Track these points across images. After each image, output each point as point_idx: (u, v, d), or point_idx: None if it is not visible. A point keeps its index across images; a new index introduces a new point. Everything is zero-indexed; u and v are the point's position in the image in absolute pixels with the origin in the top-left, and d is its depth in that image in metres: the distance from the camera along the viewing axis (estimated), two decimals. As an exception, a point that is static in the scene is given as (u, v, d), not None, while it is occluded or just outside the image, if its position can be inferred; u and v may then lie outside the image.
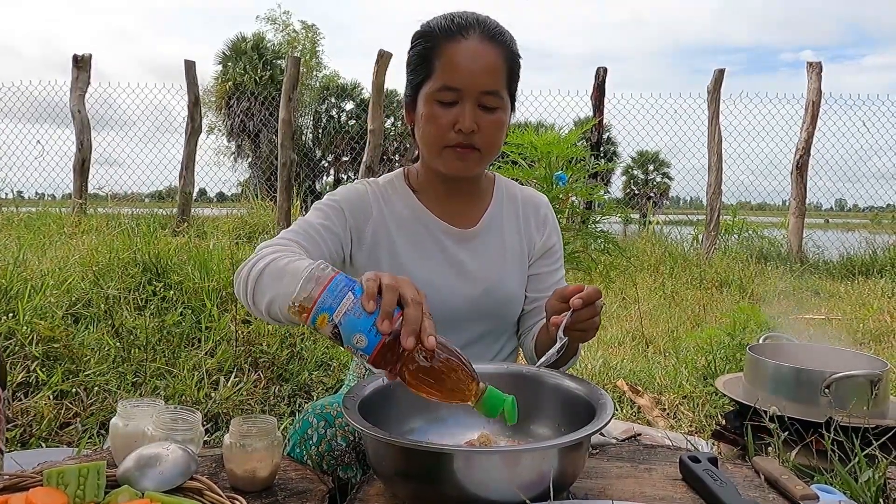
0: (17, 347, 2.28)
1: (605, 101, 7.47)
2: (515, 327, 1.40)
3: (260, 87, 21.83)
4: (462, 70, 1.16)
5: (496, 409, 0.88)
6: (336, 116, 25.52)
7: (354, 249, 1.27)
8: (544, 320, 1.28)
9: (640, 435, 2.13)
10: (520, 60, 1.26)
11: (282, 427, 2.00)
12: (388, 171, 1.40)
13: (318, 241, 1.19)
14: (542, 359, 1.10)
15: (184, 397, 2.23)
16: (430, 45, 1.20)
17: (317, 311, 0.83)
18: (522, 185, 1.49)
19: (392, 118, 22.13)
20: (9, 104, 9.58)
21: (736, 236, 8.31)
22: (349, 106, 25.37)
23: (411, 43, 1.25)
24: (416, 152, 1.34)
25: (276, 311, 0.99)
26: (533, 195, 1.43)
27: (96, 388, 2.19)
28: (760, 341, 1.86)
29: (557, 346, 1.08)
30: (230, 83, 23.44)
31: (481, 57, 1.17)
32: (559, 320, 1.08)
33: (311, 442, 1.12)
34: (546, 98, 9.50)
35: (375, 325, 0.82)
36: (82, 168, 7.74)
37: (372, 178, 1.35)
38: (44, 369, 2.23)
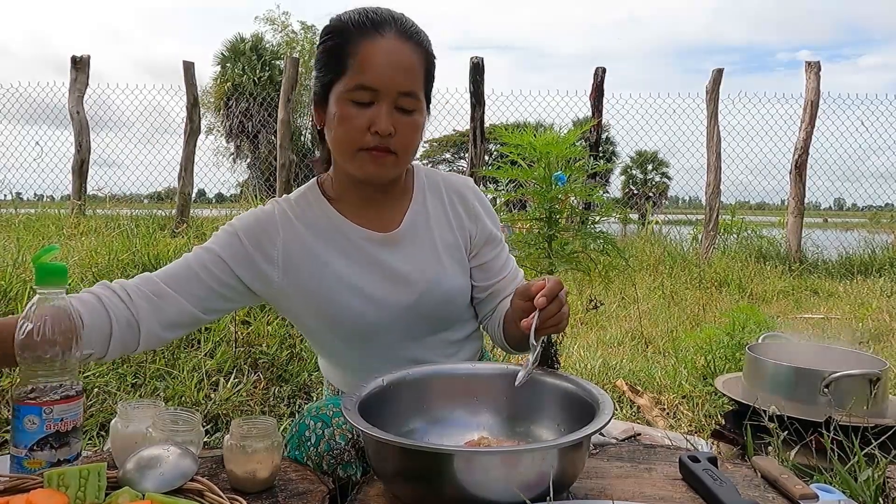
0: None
1: (604, 100, 7.47)
2: (470, 317, 1.36)
3: (258, 88, 21.86)
4: (379, 69, 1.11)
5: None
6: (335, 117, 25.49)
7: (267, 270, 1.21)
8: (506, 303, 1.24)
9: (639, 435, 2.14)
10: (435, 62, 1.22)
11: (281, 428, 2.00)
12: None
13: (193, 277, 1.17)
14: (521, 372, 1.06)
15: (183, 398, 2.23)
16: (343, 41, 1.14)
17: None
18: (523, 186, 1.46)
19: (391, 119, 22.11)
20: (6, 106, 9.57)
21: (735, 236, 8.32)
22: (348, 106, 25.34)
23: (321, 38, 1.20)
24: (325, 155, 1.29)
25: None
26: (456, 182, 1.36)
27: (96, 390, 2.18)
28: (760, 341, 1.86)
29: (532, 355, 1.05)
30: (229, 84, 23.45)
31: (399, 56, 1.13)
32: (528, 323, 1.04)
33: (309, 443, 1.11)
34: (545, 98, 9.52)
35: None
36: (81, 169, 7.74)
37: (283, 197, 1.29)
38: (43, 371, 2.23)
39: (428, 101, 1.22)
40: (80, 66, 7.77)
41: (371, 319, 1.23)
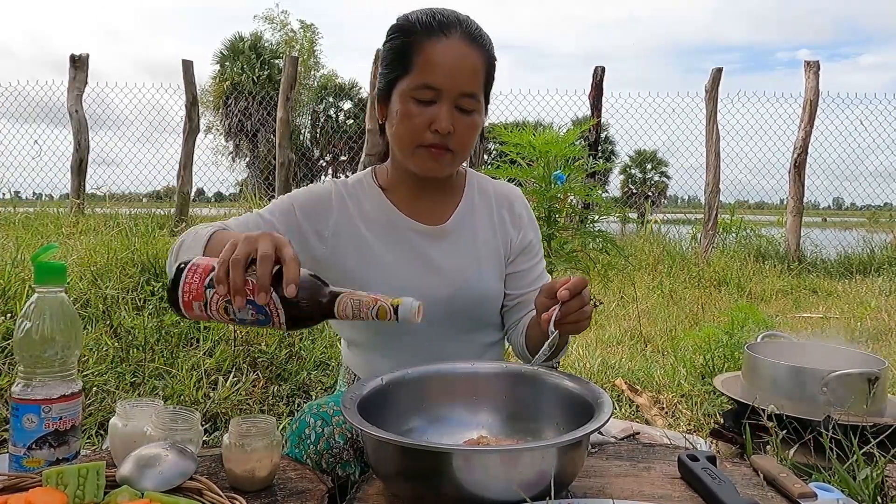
0: (15, 348, 2.28)
1: (603, 100, 7.47)
2: (499, 323, 1.38)
3: (258, 87, 21.84)
4: (443, 69, 1.15)
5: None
6: (334, 116, 25.52)
7: (315, 245, 1.25)
8: (532, 314, 1.26)
9: (638, 434, 2.14)
10: (496, 63, 1.24)
11: (280, 427, 2.00)
12: None
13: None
14: (536, 356, 1.08)
15: (182, 397, 2.23)
16: (410, 40, 1.17)
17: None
18: (522, 185, 1.48)
19: (390, 117, 22.10)
20: (5, 104, 9.57)
21: (734, 235, 8.32)
22: (347, 105, 25.38)
23: (388, 36, 1.23)
24: (382, 149, 1.33)
25: None
26: (506, 190, 1.40)
27: (95, 389, 2.18)
28: (758, 340, 1.86)
29: (548, 341, 1.06)
30: (228, 83, 23.43)
31: (463, 58, 1.16)
32: (549, 316, 1.06)
33: (308, 441, 1.11)
34: (544, 97, 9.53)
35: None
36: (80, 168, 7.74)
37: (340, 179, 1.33)
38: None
39: (486, 102, 1.25)
40: (78, 64, 7.76)
41: None
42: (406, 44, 1.17)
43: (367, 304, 0.89)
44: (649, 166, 33.61)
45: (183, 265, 0.91)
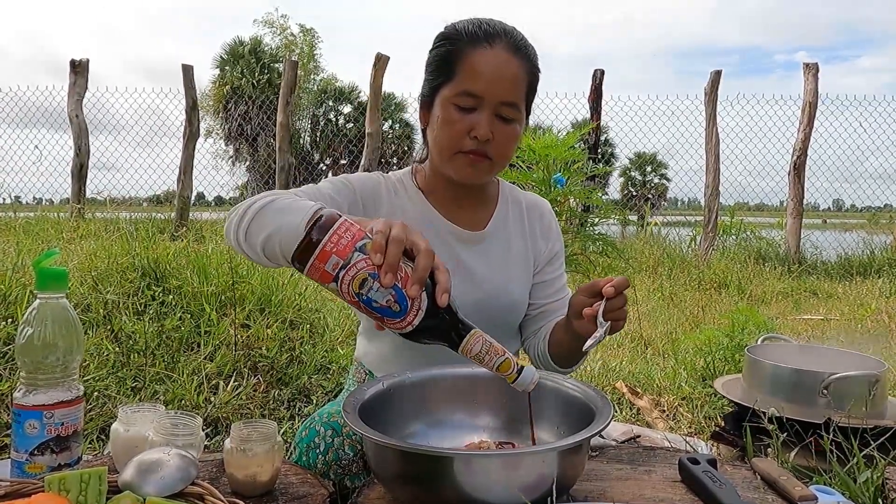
0: (16, 353, 2.28)
1: (602, 102, 7.48)
2: (518, 332, 1.39)
3: (257, 91, 21.85)
4: (485, 78, 1.16)
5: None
6: (334, 120, 25.52)
7: None
8: (552, 323, 1.29)
9: (639, 437, 2.14)
10: (539, 75, 1.26)
11: (282, 431, 2.01)
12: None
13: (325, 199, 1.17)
14: (589, 342, 1.05)
15: (183, 402, 2.23)
16: (455, 48, 1.19)
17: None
18: (523, 188, 1.49)
19: (390, 121, 22.16)
20: (5, 109, 9.58)
21: (734, 237, 8.33)
22: (347, 109, 25.37)
23: (434, 43, 1.25)
24: (425, 152, 1.34)
25: (274, 248, 0.92)
26: (536, 201, 1.43)
27: (96, 394, 2.18)
28: (759, 342, 1.86)
29: (601, 331, 1.04)
30: (228, 87, 23.44)
31: (505, 67, 1.17)
32: (593, 311, 1.05)
33: (318, 451, 1.12)
34: (543, 101, 9.52)
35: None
36: (80, 173, 7.75)
37: (384, 173, 1.34)
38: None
39: (528, 112, 1.27)
40: (79, 69, 7.78)
41: None
42: (451, 52, 1.19)
43: (495, 350, 0.89)
44: (649, 169, 33.61)
45: (326, 215, 0.83)
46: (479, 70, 1.16)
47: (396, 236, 0.82)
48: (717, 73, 7.64)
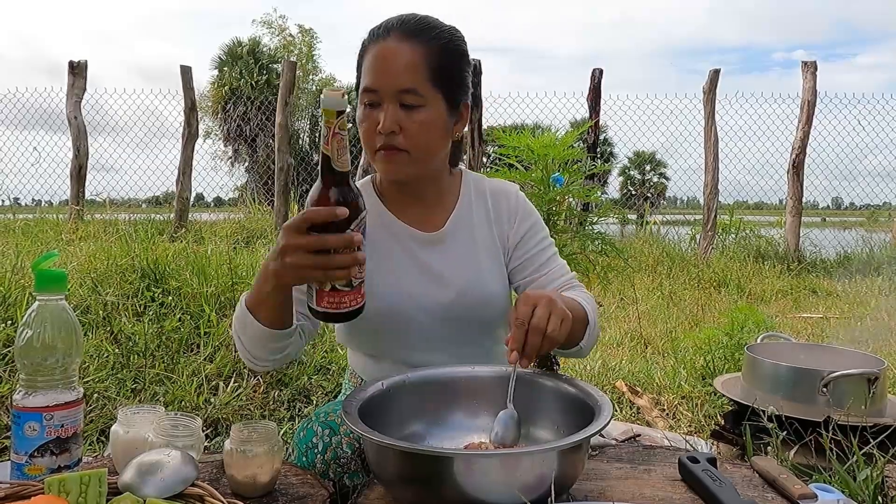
0: (15, 355, 2.28)
1: (601, 101, 7.48)
2: (499, 327, 1.35)
3: (256, 92, 21.83)
4: (376, 71, 1.15)
5: None
6: (333, 120, 25.45)
7: None
8: None
9: (639, 436, 2.14)
10: (455, 53, 1.21)
11: (281, 432, 2.01)
12: None
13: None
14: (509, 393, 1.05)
15: (183, 403, 2.23)
16: (362, 48, 1.21)
17: None
18: (522, 188, 1.46)
19: (389, 121, 22.05)
20: (3, 111, 9.57)
21: (733, 236, 8.32)
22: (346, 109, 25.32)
23: None
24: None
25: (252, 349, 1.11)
26: (502, 186, 1.37)
27: (95, 395, 2.18)
28: (758, 341, 1.87)
29: (512, 376, 1.05)
30: (226, 88, 23.41)
31: (395, 56, 1.15)
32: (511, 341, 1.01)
33: (316, 450, 1.12)
34: (542, 100, 9.53)
35: None
36: (79, 174, 7.73)
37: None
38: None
39: (451, 95, 1.20)
40: (77, 71, 7.77)
41: (409, 315, 1.24)
42: (360, 53, 1.21)
43: None
44: (648, 167, 33.62)
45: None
46: (371, 64, 1.16)
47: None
48: (716, 72, 7.64)
